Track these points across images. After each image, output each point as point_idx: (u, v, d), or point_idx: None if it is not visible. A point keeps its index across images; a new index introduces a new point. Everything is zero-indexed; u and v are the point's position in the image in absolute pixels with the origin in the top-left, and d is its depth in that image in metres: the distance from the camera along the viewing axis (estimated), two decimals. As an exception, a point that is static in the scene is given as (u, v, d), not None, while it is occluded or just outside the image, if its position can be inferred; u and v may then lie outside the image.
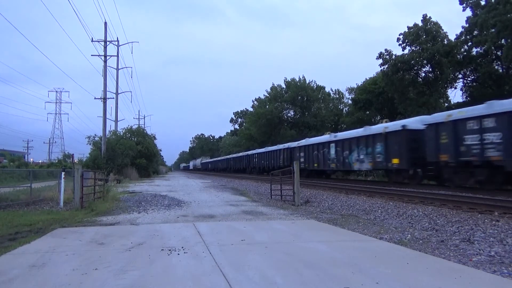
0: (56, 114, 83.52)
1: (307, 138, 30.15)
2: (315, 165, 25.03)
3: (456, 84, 35.32)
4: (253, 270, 4.22)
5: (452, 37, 33.77)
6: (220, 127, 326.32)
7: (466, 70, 33.73)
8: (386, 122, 20.46)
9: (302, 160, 26.42)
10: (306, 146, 26.67)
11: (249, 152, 45.85)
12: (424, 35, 33.77)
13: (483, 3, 29.32)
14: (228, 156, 62.36)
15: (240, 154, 51.66)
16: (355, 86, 50.38)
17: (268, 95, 61.47)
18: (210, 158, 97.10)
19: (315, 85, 58.79)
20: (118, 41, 32.30)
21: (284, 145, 32.90)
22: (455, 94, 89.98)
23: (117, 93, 34.15)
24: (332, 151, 22.66)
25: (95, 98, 31.30)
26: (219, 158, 74.35)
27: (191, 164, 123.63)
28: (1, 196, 12.48)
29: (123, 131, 39.47)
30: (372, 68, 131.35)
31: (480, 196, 10.36)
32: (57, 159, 50.66)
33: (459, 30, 35.62)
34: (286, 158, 30.72)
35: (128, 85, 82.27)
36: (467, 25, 30.64)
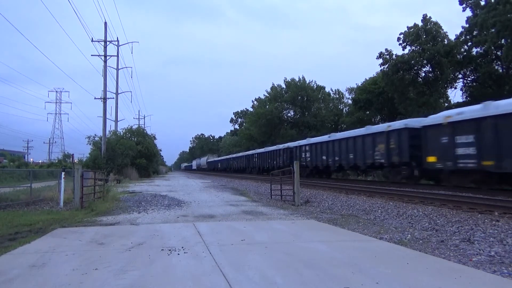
0: (56, 114, 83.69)
1: (489, 101, 12.91)
2: None
3: (456, 84, 35.36)
4: (253, 270, 4.22)
5: (452, 37, 33.83)
6: (220, 127, 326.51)
7: (466, 70, 33.75)
8: None
9: (468, 151, 12.94)
10: (487, 119, 12.38)
11: (292, 144, 31.33)
12: (424, 35, 33.79)
13: (483, 3, 29.33)
14: (249, 152, 47.05)
15: (273, 148, 36.68)
16: (355, 86, 50.47)
17: (268, 95, 61.56)
18: (218, 156, 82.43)
19: (315, 85, 58.90)
20: (118, 41, 32.33)
21: (387, 125, 18.43)
22: (455, 94, 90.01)
23: (117, 93, 34.18)
24: None
25: (95, 98, 31.33)
26: (233, 156, 56.83)
27: (194, 163, 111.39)
28: (1, 196, 12.48)
29: (123, 131, 39.50)
30: (372, 68, 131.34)
31: (480, 196, 10.36)
32: (57, 159, 50.76)
33: (459, 30, 35.60)
34: (401, 147, 16.65)
35: (128, 85, 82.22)
36: (467, 25, 30.66)
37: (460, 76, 34.86)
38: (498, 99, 12.92)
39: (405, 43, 34.79)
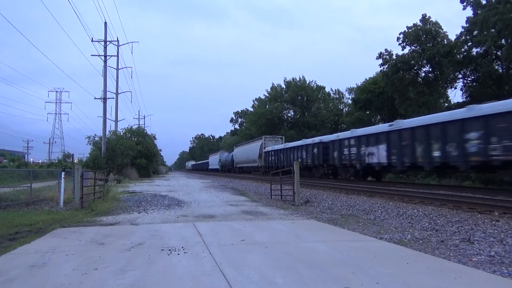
0: (56, 114, 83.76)
1: None
2: None
3: (456, 84, 35.33)
4: (253, 270, 4.22)
5: (452, 37, 33.83)
6: (220, 127, 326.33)
7: (466, 70, 33.73)
8: None
9: None
10: None
11: (328, 138, 23.25)
12: (423, 35, 33.79)
13: (484, 2, 29.32)
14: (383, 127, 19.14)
15: (296, 143, 27.59)
16: (355, 86, 50.54)
17: (268, 95, 61.58)
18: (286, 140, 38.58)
19: (315, 85, 58.90)
20: (118, 41, 32.36)
21: None
22: (455, 94, 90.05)
23: (117, 93, 34.18)
24: None
25: (95, 98, 31.37)
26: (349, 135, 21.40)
27: (213, 159, 69.11)
28: (1, 196, 12.47)
29: (123, 131, 39.55)
30: (372, 68, 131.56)
31: (480, 196, 10.36)
32: (57, 159, 50.74)
33: (459, 30, 35.69)
34: None
35: (128, 85, 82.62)
36: (467, 24, 30.65)
37: (460, 76, 34.84)
38: (500, 99, 12.86)
39: (404, 43, 34.78)
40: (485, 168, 13.72)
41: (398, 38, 35.13)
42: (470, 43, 31.52)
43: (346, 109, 57.67)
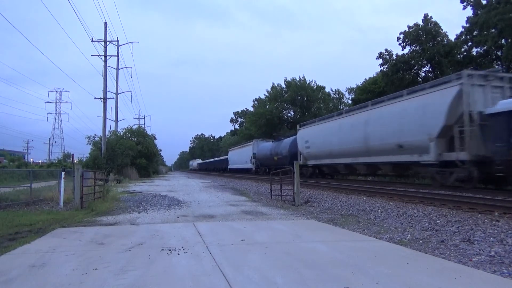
0: (56, 114, 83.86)
1: None
2: None
3: (456, 84, 35.30)
4: (253, 270, 4.22)
5: (452, 37, 33.85)
6: (220, 127, 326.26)
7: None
8: None
9: None
10: None
11: None
12: (424, 35, 33.81)
13: (484, 2, 29.31)
14: None
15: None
16: (355, 86, 50.55)
17: (268, 95, 61.60)
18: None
19: (315, 85, 58.90)
20: (118, 41, 32.37)
21: None
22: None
23: (117, 93, 34.19)
24: None
25: (95, 98, 31.37)
26: None
27: (239, 154, 47.10)
28: (1, 196, 12.47)
29: (123, 131, 39.55)
30: (372, 68, 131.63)
31: (480, 196, 10.36)
32: (57, 159, 50.79)
33: (458, 30, 35.65)
34: None
35: (128, 85, 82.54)
36: (468, 24, 30.65)
37: (460, 76, 34.83)
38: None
39: (404, 43, 34.82)
40: None
41: (398, 38, 35.18)
42: (470, 43, 31.53)
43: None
